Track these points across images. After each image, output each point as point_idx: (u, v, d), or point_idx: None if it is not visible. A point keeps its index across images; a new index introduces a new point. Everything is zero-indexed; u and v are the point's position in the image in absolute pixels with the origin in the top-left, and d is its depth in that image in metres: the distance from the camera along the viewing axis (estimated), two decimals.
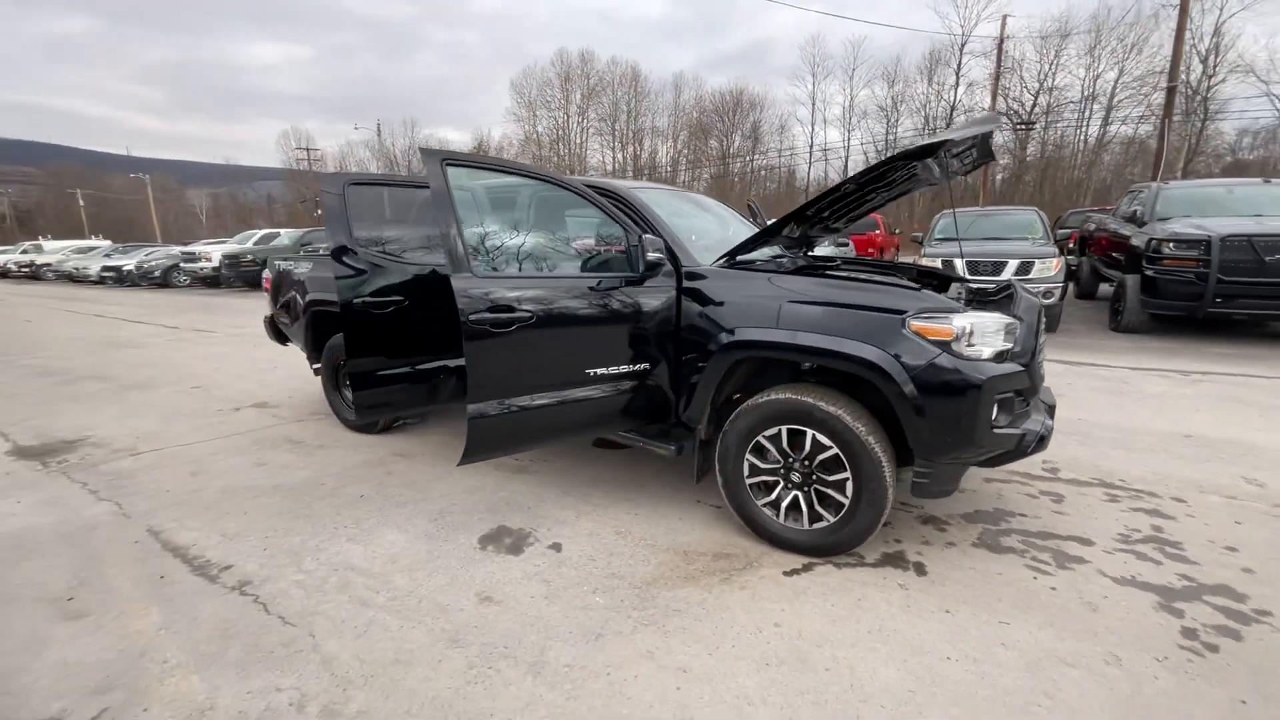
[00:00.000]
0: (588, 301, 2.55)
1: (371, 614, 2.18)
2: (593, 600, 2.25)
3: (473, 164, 2.62)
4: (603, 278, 2.61)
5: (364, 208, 3.15)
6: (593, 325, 2.57)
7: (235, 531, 2.81)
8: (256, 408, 4.90)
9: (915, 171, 2.57)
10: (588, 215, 2.88)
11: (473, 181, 3.00)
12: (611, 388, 2.62)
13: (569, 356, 2.55)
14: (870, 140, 40.00)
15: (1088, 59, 36.47)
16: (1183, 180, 10.87)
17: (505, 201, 3.13)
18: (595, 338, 2.58)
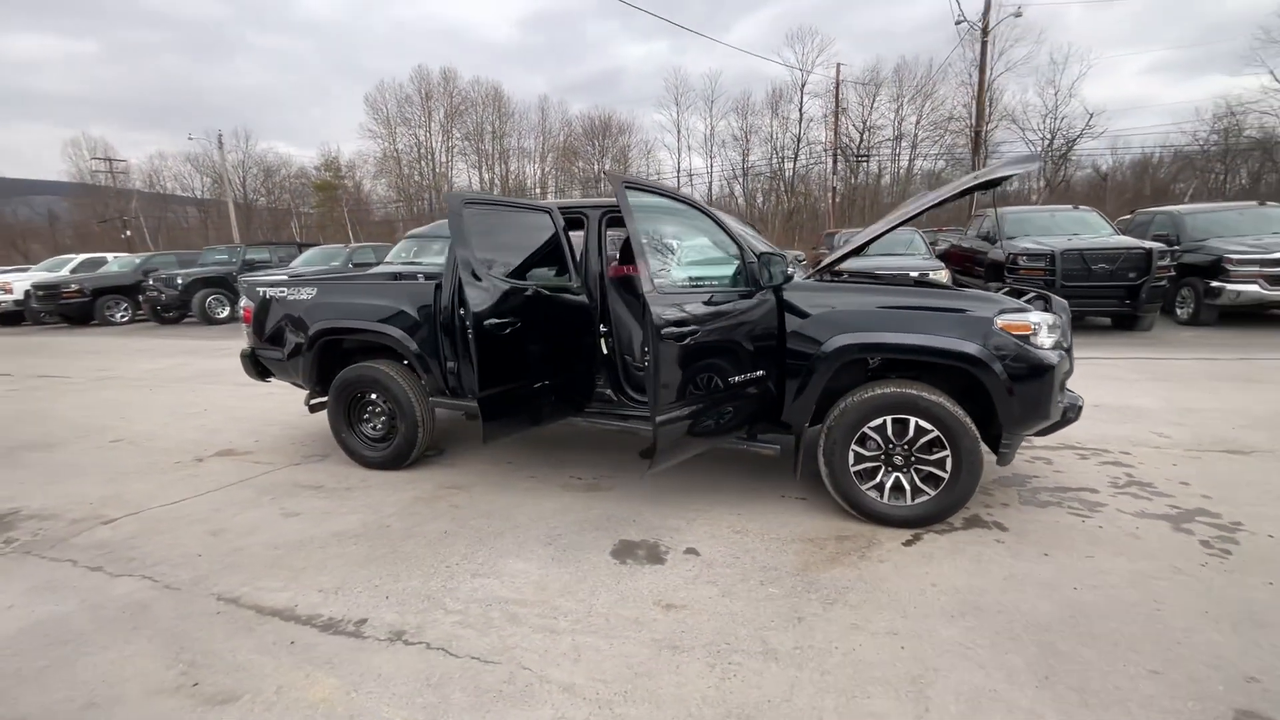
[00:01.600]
0: (729, 315, 2.73)
1: (570, 639, 2.14)
2: (768, 591, 2.40)
3: (642, 187, 2.70)
4: (741, 291, 2.82)
5: (475, 227, 3.00)
6: (734, 336, 2.76)
7: (333, 585, 2.53)
8: (224, 456, 4.26)
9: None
10: (709, 234, 3.01)
11: (638, 201, 3.04)
12: (744, 393, 2.81)
13: (719, 366, 2.71)
14: (729, 167, 43.52)
15: (895, 104, 43.05)
16: (1014, 207, 13.31)
17: (654, 221, 3.22)
18: (735, 347, 2.77)
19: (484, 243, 3.03)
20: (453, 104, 48.80)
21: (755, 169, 43.27)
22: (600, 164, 45.36)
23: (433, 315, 3.55)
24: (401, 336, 3.59)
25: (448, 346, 3.55)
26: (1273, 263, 7.70)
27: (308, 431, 4.78)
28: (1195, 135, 34.29)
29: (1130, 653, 1.98)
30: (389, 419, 3.79)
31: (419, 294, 3.61)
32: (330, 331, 3.77)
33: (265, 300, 4.00)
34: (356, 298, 3.78)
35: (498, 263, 3.07)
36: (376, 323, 3.65)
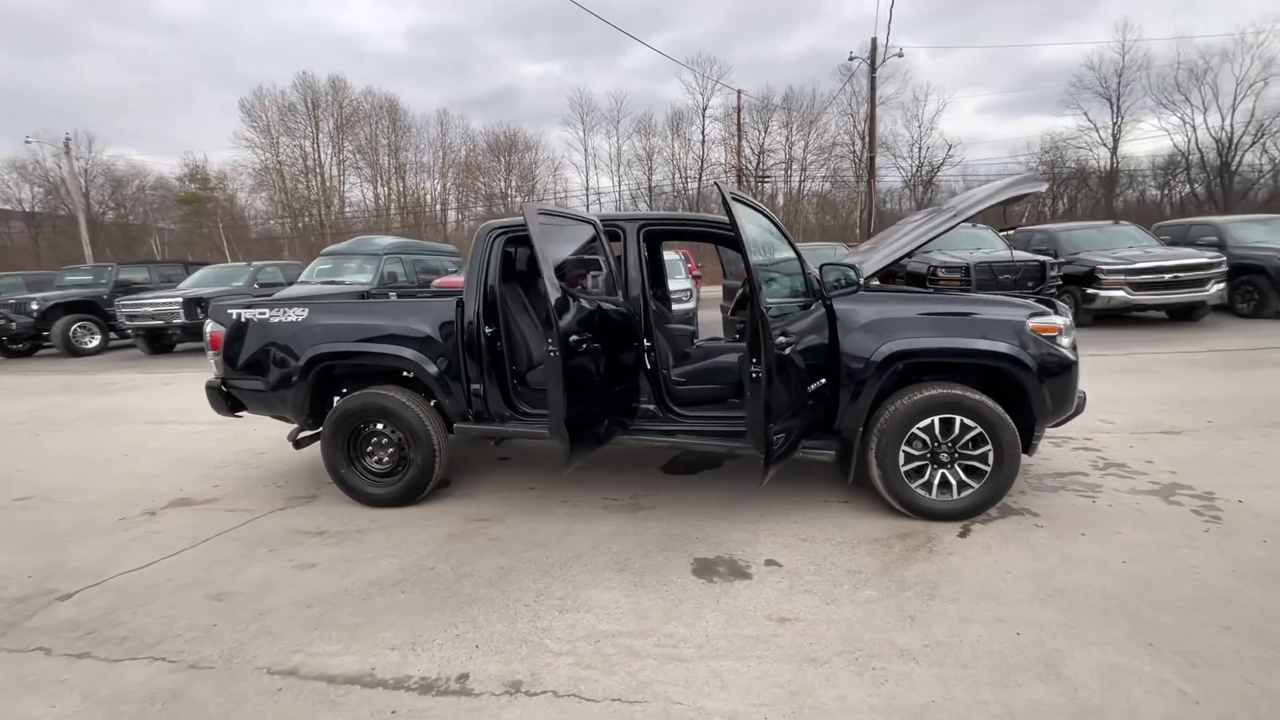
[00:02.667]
0: (808, 327, 2.78)
1: (703, 665, 2.04)
2: (866, 594, 2.44)
3: (742, 201, 2.65)
4: (803, 301, 2.87)
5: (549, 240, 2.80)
6: (810, 346, 2.82)
7: (405, 640, 2.24)
8: (182, 507, 3.65)
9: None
10: (776, 245, 3.03)
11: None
12: (816, 402, 2.86)
13: (803, 376, 2.75)
14: (636, 185, 44.41)
15: (785, 129, 46.30)
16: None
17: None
18: (810, 358, 2.81)
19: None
20: (343, 115, 45.90)
21: (659, 188, 44.54)
22: (506, 181, 44.58)
23: (456, 334, 3.30)
24: (418, 358, 3.29)
25: (472, 367, 3.30)
26: (1134, 272, 9.09)
27: (277, 470, 4.23)
28: (1027, 165, 39.87)
29: (1198, 614, 2.22)
30: (398, 450, 3.45)
31: (439, 312, 3.33)
32: (330, 357, 3.37)
33: (241, 324, 3.50)
34: (362, 318, 3.42)
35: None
36: (390, 345, 3.31)
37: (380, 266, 11.03)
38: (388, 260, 11.28)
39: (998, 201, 3.05)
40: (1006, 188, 3.13)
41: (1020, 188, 3.19)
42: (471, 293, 3.31)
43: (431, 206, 52.15)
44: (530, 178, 46.22)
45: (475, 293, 3.30)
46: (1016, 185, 3.14)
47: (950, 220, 3.14)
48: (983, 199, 3.16)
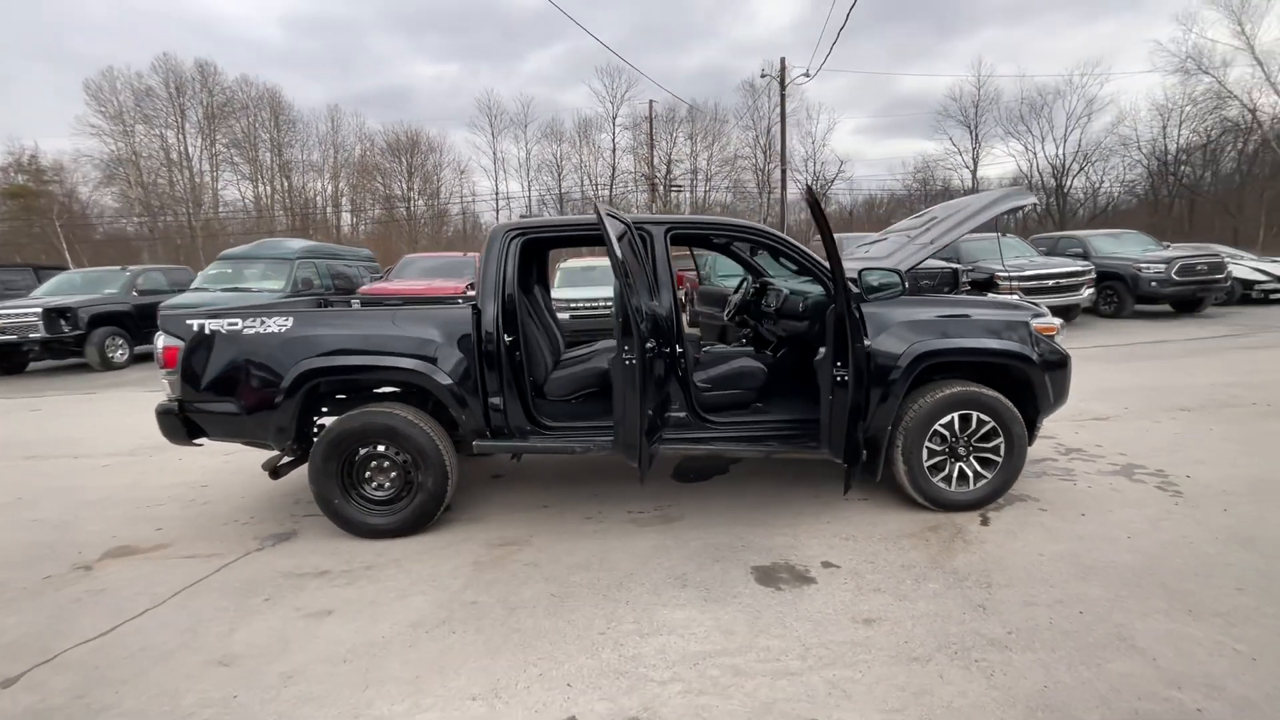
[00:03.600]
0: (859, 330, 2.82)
1: (816, 676, 2.00)
2: (929, 588, 2.51)
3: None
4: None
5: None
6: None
7: (484, 688, 2.00)
8: (124, 557, 3.04)
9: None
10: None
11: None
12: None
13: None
14: (546, 190, 43.74)
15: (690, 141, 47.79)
16: (843, 233, 15.64)
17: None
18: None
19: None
20: (214, 103, 41.33)
21: (570, 195, 44.22)
22: (408, 183, 42.23)
23: (473, 344, 3.02)
24: (430, 370, 2.98)
25: (491, 379, 3.04)
26: (1025, 278, 10.26)
27: (232, 504, 3.66)
28: (903, 182, 44.10)
29: (1211, 579, 2.50)
30: (402, 474, 3.10)
31: (452, 320, 3.03)
32: (325, 373, 2.95)
33: (205, 337, 2.98)
34: (363, 328, 3.03)
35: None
36: (397, 357, 2.97)
37: (293, 272, 10.02)
38: (301, 265, 10.27)
39: (993, 215, 3.30)
40: (997, 202, 3.38)
41: (1011, 201, 3.46)
42: (489, 298, 3.05)
43: (322, 208, 48.43)
44: (433, 180, 44.13)
45: (494, 298, 3.05)
46: (1007, 200, 3.41)
47: (953, 232, 3.35)
48: (977, 212, 3.39)
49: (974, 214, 3.35)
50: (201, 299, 9.30)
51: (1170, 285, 10.48)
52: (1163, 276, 10.53)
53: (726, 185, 48.05)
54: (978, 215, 3.33)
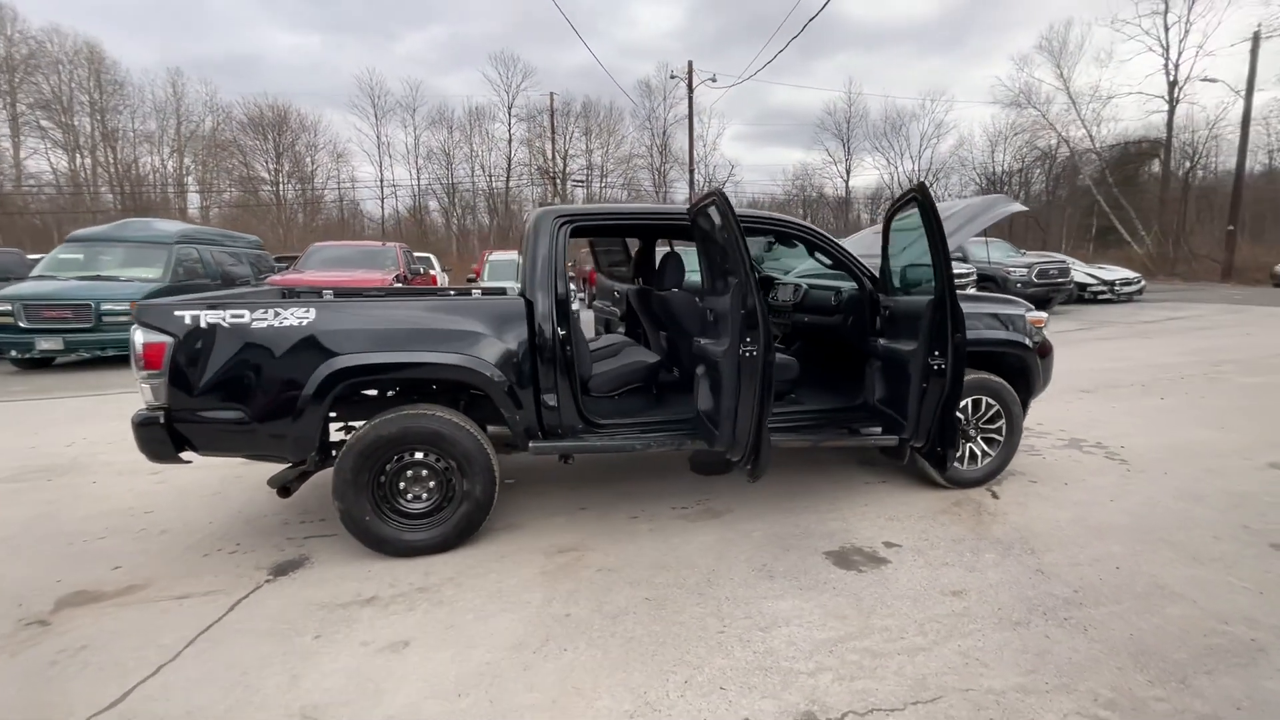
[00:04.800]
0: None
1: (947, 649, 2.11)
2: (986, 558, 2.74)
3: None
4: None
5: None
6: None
7: (636, 706, 1.88)
8: (86, 604, 2.44)
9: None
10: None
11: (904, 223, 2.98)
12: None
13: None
14: (436, 178, 41.16)
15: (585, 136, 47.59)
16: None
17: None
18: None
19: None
20: (11, 54, 34.24)
21: (461, 185, 42.08)
22: (276, 163, 37.76)
23: (526, 338, 2.79)
24: (483, 367, 2.71)
25: (545, 376, 2.83)
26: None
27: (199, 529, 3.08)
28: (783, 188, 47.36)
29: (1194, 531, 2.97)
30: (442, 482, 2.79)
31: (507, 313, 2.78)
32: (363, 371, 2.56)
33: (201, 331, 2.46)
34: (405, 321, 2.66)
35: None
36: (447, 353, 2.65)
37: (172, 258, 8.63)
38: (181, 250, 8.87)
39: (996, 218, 3.66)
40: (996, 205, 3.76)
41: (1008, 206, 3.85)
42: (541, 289, 2.84)
43: (160, 186, 42.07)
44: (305, 163, 39.77)
45: (547, 289, 2.84)
46: (1004, 204, 3.79)
47: (962, 232, 3.66)
48: (979, 214, 3.73)
49: (977, 216, 3.68)
50: (50, 290, 7.71)
51: (1031, 286, 12.22)
52: (1026, 279, 12.26)
53: (621, 183, 48.45)
54: (981, 217, 3.66)
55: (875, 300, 3.23)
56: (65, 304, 7.57)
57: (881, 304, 3.11)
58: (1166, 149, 26.67)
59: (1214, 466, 3.84)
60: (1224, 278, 21.33)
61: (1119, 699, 1.86)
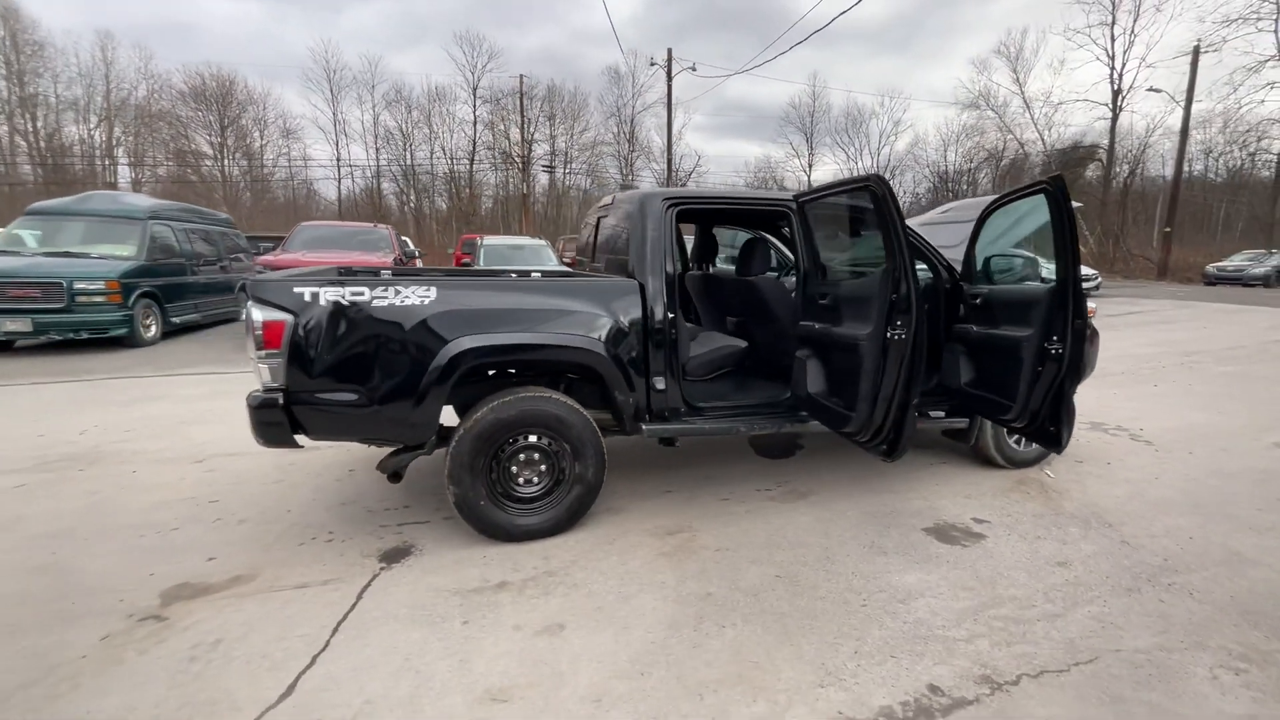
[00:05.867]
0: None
1: (1080, 614, 2.25)
2: (1070, 531, 2.92)
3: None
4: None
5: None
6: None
7: (818, 676, 1.93)
8: (200, 598, 2.29)
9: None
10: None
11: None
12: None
13: None
14: (394, 159, 39.54)
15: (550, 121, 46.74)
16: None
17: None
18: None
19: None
20: None
21: (421, 168, 40.63)
22: (220, 137, 35.43)
23: (641, 321, 2.77)
24: (604, 350, 2.68)
25: (656, 359, 2.83)
26: None
27: (285, 520, 2.93)
28: (748, 182, 47.97)
29: (1238, 504, 3.23)
30: (553, 466, 2.76)
31: (623, 295, 2.75)
32: (486, 353, 2.49)
33: (325, 309, 2.33)
34: (529, 301, 2.59)
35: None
36: (571, 334, 2.61)
37: (146, 234, 8.07)
38: (155, 225, 8.30)
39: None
40: None
41: None
42: (652, 271, 2.83)
43: (86, 157, 38.98)
44: (250, 137, 37.47)
45: (658, 272, 2.83)
46: None
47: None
48: None
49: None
50: (13, 266, 7.08)
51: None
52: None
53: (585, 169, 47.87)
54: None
55: (956, 289, 3.35)
56: (32, 282, 6.96)
57: (968, 293, 3.22)
58: (1110, 154, 28.43)
59: (1227, 447, 4.18)
60: (1160, 276, 23.00)
61: (1248, 652, 2.04)
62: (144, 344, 7.74)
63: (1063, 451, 2.86)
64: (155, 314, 8.05)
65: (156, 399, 5.21)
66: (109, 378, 6.02)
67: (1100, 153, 29.75)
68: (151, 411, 4.79)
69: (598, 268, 3.58)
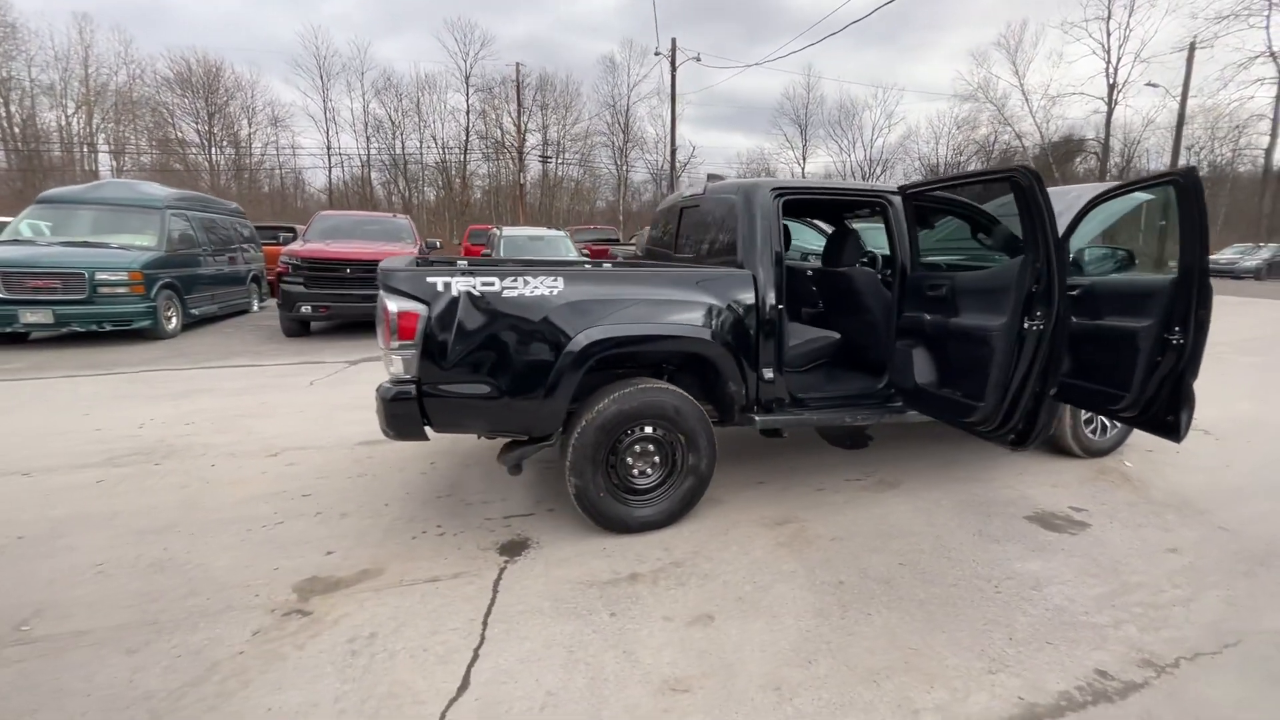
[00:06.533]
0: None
1: (1211, 596, 2.30)
2: (1169, 519, 2.98)
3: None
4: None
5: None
6: None
7: (987, 663, 1.95)
8: (338, 591, 2.26)
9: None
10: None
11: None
12: None
13: None
14: (384, 149, 38.86)
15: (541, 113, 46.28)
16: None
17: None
18: None
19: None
20: None
21: (412, 157, 40.01)
22: (208, 124, 34.57)
23: (754, 312, 2.77)
24: (717, 340, 2.68)
25: (766, 350, 2.83)
26: None
27: (385, 514, 2.89)
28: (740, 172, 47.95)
29: None
30: (666, 457, 2.75)
31: (738, 286, 2.74)
32: (614, 343, 2.47)
33: (457, 299, 2.29)
34: (645, 292, 2.57)
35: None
36: (690, 325, 2.60)
37: (166, 224, 7.89)
38: (172, 214, 8.12)
39: None
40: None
41: None
42: (762, 262, 2.82)
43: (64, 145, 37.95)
44: (236, 125, 36.51)
45: (768, 262, 2.82)
46: None
47: None
48: None
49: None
50: (33, 256, 6.88)
51: None
52: None
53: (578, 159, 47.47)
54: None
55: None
56: (54, 273, 6.76)
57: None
58: (1105, 148, 28.81)
59: (1278, 436, 4.29)
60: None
61: None
62: (166, 336, 7.57)
63: (1181, 441, 2.87)
64: (176, 306, 7.88)
65: (203, 392, 5.10)
66: (143, 370, 5.88)
67: (1093, 145, 30.19)
68: (204, 405, 4.69)
69: (685, 260, 3.56)
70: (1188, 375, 2.63)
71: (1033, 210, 2.33)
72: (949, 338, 2.76)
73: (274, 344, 7.45)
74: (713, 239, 3.22)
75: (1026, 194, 2.34)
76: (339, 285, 7.43)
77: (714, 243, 3.20)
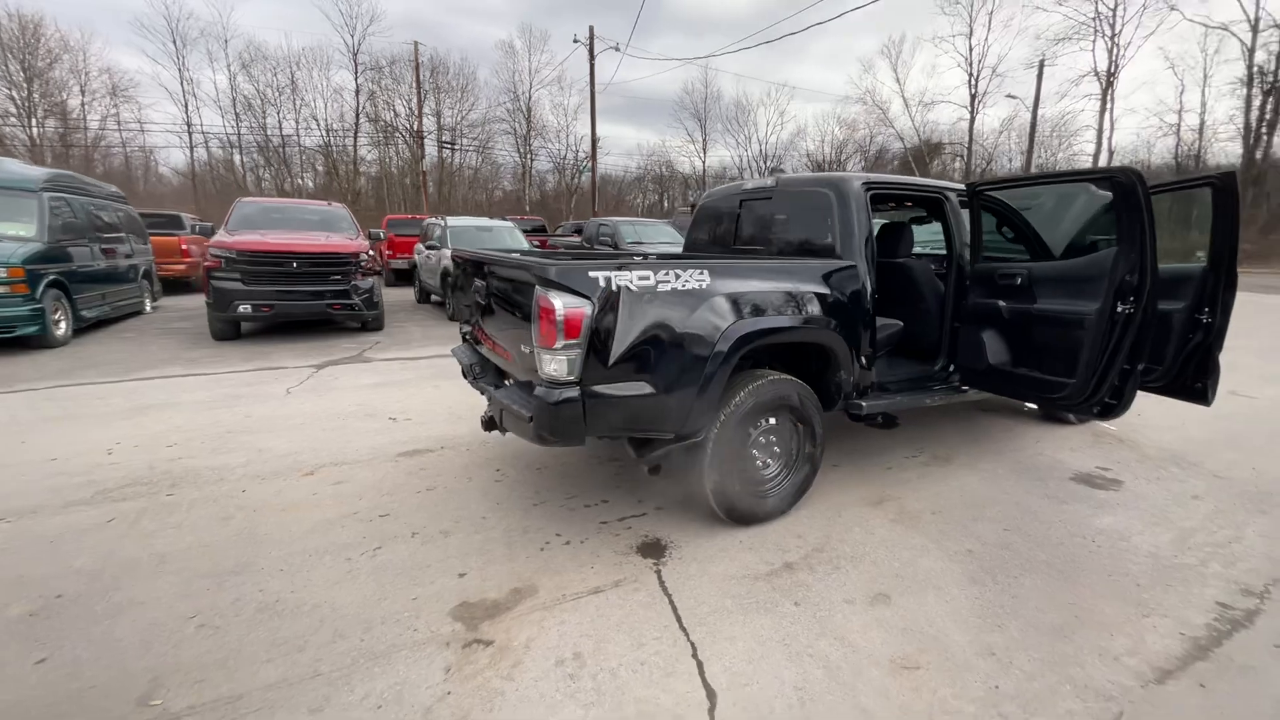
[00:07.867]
0: None
1: (1252, 540, 2.74)
2: (1173, 471, 3.49)
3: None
4: None
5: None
6: None
7: (1128, 619, 2.20)
8: (503, 615, 2.05)
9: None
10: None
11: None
12: None
13: None
14: (260, 127, 34.65)
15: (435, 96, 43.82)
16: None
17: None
18: None
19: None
20: None
21: (289, 139, 36.12)
22: (25, 91, 28.81)
23: (859, 301, 2.86)
24: (838, 330, 2.75)
25: (867, 338, 2.93)
26: None
27: (493, 527, 2.67)
28: (641, 166, 48.76)
29: (1262, 437, 4.04)
30: (785, 447, 2.79)
31: (848, 277, 2.82)
32: (761, 336, 2.43)
33: (617, 295, 2.13)
34: (778, 283, 2.55)
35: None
36: (823, 317, 2.65)
37: (44, 210, 6.63)
38: (51, 198, 6.84)
39: None
40: None
41: None
42: (858, 253, 2.91)
43: None
44: (82, 92, 30.72)
45: (863, 254, 2.92)
46: None
47: None
48: None
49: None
50: None
51: None
52: None
53: (476, 147, 45.57)
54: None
55: None
56: None
57: None
58: (969, 151, 32.45)
59: None
60: None
61: None
62: (56, 344, 6.36)
63: (1210, 404, 3.29)
64: (65, 307, 6.62)
65: (158, 408, 4.36)
66: (57, 386, 4.91)
67: (955, 148, 33.92)
68: (173, 423, 4.02)
69: (754, 253, 3.58)
70: (1215, 349, 3.10)
71: (1133, 208, 2.62)
72: (1032, 322, 3.03)
73: (205, 349, 6.49)
74: (794, 232, 3.28)
75: (1129, 193, 2.63)
76: (284, 281, 6.63)
77: (796, 236, 3.26)
